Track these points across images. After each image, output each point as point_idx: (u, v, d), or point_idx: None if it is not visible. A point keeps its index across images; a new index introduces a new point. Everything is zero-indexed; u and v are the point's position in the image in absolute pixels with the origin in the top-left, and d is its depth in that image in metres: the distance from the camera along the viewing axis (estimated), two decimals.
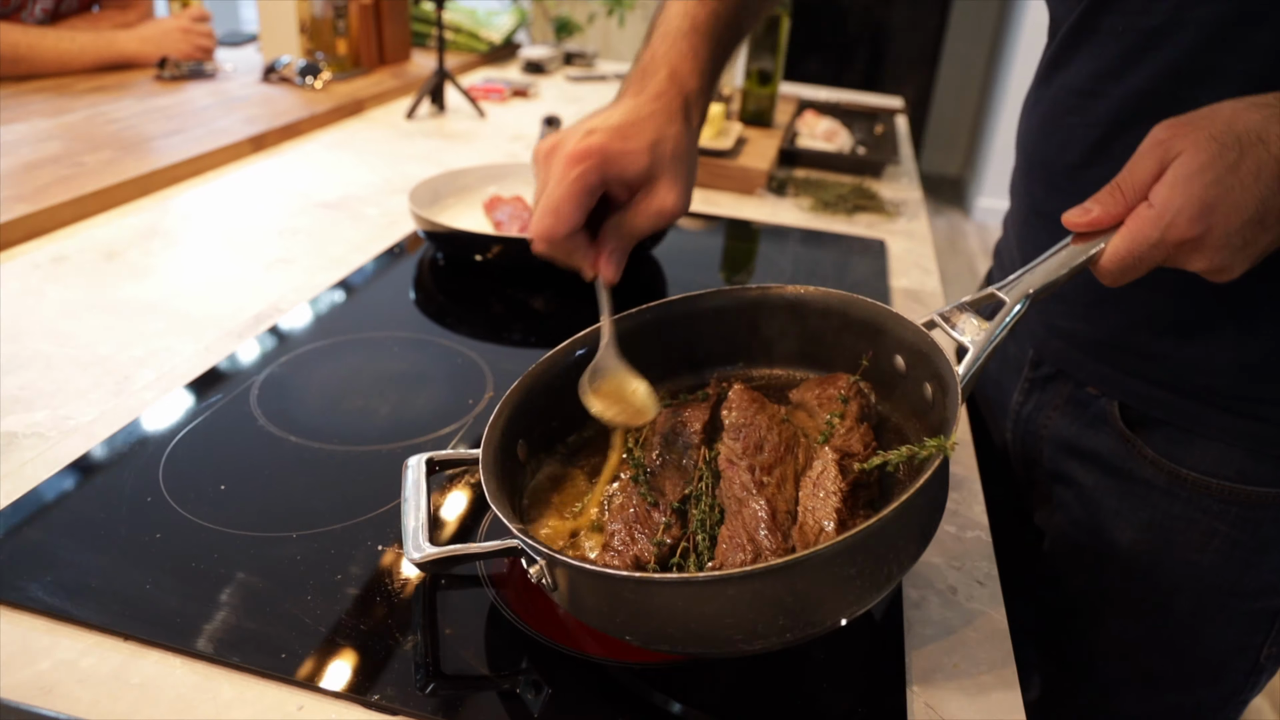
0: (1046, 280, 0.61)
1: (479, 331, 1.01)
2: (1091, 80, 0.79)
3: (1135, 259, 0.58)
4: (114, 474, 0.72)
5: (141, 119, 1.58)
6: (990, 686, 0.59)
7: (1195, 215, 0.55)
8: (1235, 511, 0.78)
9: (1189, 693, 0.88)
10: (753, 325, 0.75)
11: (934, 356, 0.61)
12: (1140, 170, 0.59)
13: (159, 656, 0.56)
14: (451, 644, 0.59)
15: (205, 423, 0.80)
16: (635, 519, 0.60)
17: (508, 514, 0.56)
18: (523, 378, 0.68)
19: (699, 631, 0.51)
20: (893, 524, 0.51)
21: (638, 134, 0.66)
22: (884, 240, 1.38)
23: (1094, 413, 0.86)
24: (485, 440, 0.62)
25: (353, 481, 0.74)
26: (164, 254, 1.14)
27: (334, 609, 0.60)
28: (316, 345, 0.95)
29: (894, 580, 0.55)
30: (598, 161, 0.64)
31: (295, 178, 1.47)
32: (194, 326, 0.96)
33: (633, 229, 0.68)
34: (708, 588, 0.50)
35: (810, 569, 0.50)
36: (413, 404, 0.85)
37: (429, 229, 1.14)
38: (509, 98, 2.15)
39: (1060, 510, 0.92)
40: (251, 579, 0.62)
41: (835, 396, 0.67)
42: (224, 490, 0.71)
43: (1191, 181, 0.56)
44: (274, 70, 1.94)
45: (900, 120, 2.20)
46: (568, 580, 0.55)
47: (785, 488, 0.61)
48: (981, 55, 5.45)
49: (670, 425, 0.68)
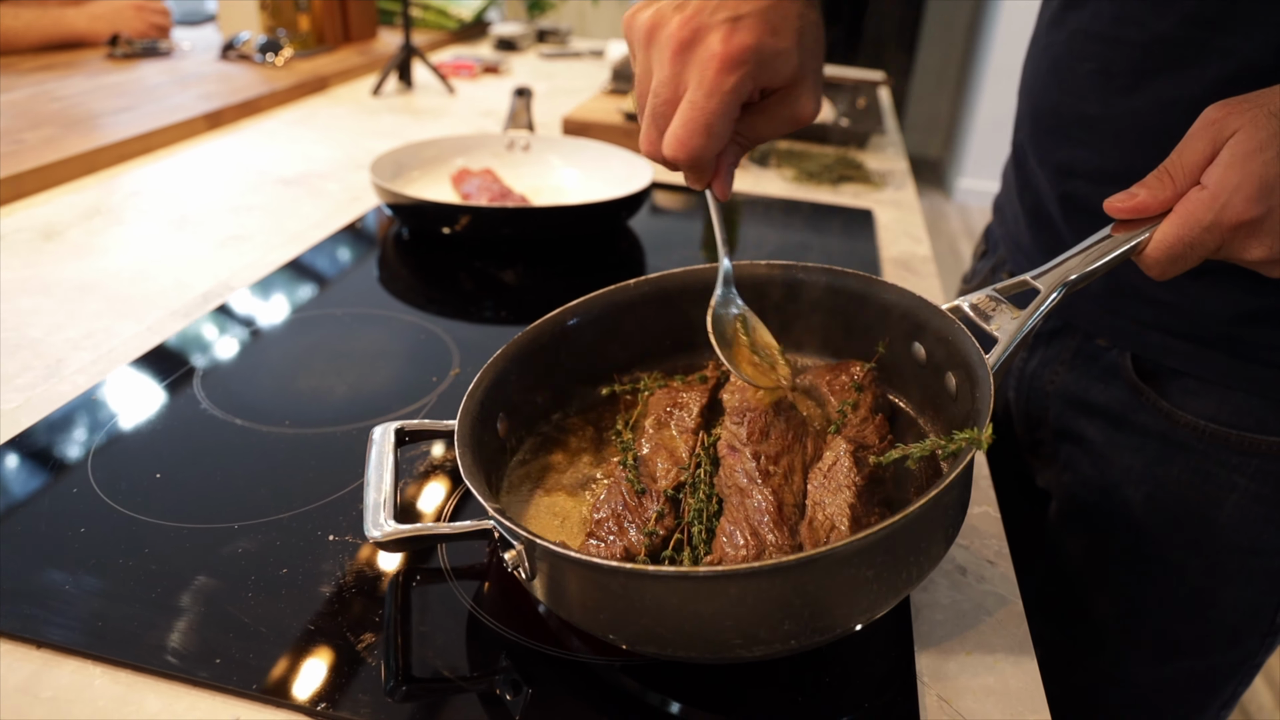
0: (1085, 269, 0.56)
1: (445, 308, 0.94)
2: (1113, 25, 0.73)
3: (1186, 245, 0.52)
4: (36, 464, 0.65)
5: (89, 97, 1.50)
6: (1009, 675, 0.53)
7: (1254, 194, 0.50)
8: (1255, 464, 0.74)
9: (1203, 657, 0.83)
10: (758, 305, 0.68)
11: (962, 344, 0.56)
12: (1191, 152, 0.53)
13: (76, 665, 0.50)
14: (419, 645, 0.52)
15: (141, 407, 0.73)
16: (624, 507, 0.54)
17: (483, 491, 0.50)
18: (507, 346, 0.62)
19: (693, 633, 0.45)
20: (918, 522, 0.45)
21: (785, 23, 0.53)
22: (871, 210, 1.32)
23: (1104, 365, 0.81)
24: (462, 410, 0.56)
25: (303, 466, 0.67)
26: (107, 233, 1.06)
27: (277, 607, 0.54)
28: (269, 324, 0.88)
29: (912, 585, 0.49)
30: (754, 69, 0.52)
31: (252, 155, 1.39)
32: (136, 307, 0.89)
33: (761, 133, 0.57)
34: (707, 585, 0.44)
35: (824, 569, 0.44)
36: (371, 383, 0.79)
37: (392, 201, 1.07)
38: (479, 74, 2.07)
39: (1068, 470, 0.87)
40: (185, 576, 0.56)
41: (848, 384, 0.62)
42: (159, 479, 0.65)
43: (1250, 159, 0.50)
44: (232, 47, 1.86)
45: (883, 92, 2.14)
46: (548, 569, 0.48)
47: (793, 479, 0.55)
48: (960, 35, 5.40)
49: (663, 407, 0.62)
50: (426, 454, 0.69)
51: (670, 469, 0.57)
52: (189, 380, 0.77)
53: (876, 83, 2.16)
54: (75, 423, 0.70)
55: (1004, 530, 0.66)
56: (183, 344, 0.83)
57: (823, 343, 0.69)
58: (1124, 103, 0.73)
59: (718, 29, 0.51)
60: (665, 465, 0.58)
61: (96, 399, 0.73)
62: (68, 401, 0.72)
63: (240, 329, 0.86)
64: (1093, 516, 0.85)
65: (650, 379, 0.68)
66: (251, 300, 0.92)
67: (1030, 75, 0.86)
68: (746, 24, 0.52)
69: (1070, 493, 0.87)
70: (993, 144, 4.72)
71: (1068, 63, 0.78)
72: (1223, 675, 0.84)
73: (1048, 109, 0.81)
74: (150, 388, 0.75)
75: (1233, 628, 0.82)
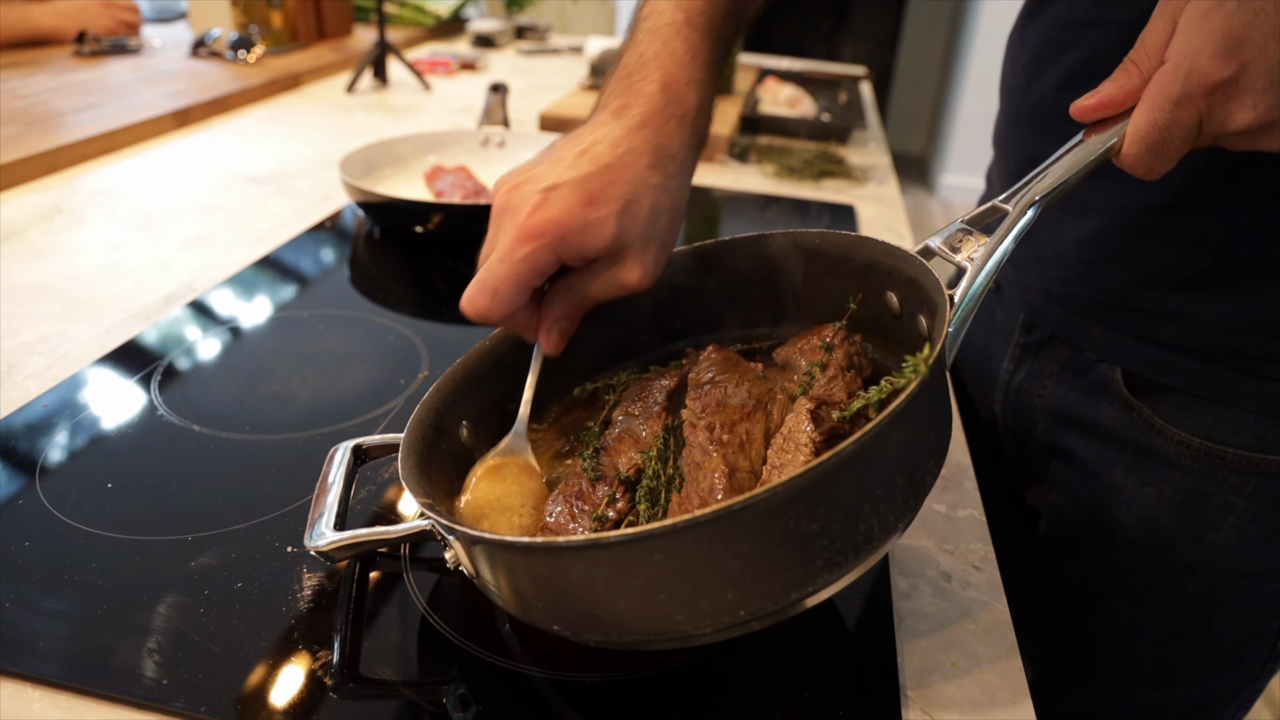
0: (1058, 182, 0.52)
1: (416, 308, 0.91)
2: (1094, 8, 0.70)
3: (1162, 129, 0.49)
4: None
5: (53, 95, 1.46)
6: (995, 687, 0.51)
7: (1220, 50, 0.46)
8: (1254, 484, 0.70)
9: (1201, 682, 0.80)
10: (727, 283, 0.65)
11: (922, 279, 0.52)
12: (1153, 34, 0.50)
13: (14, 688, 0.47)
14: (370, 658, 0.50)
15: (95, 414, 0.70)
16: (577, 495, 0.52)
17: (419, 489, 0.47)
18: (471, 351, 0.60)
19: (630, 612, 0.42)
20: (861, 463, 0.40)
21: (607, 194, 0.52)
22: (853, 205, 1.30)
23: (1093, 379, 0.77)
24: (415, 415, 0.54)
25: (262, 475, 0.64)
26: (66, 234, 1.03)
27: (230, 623, 0.51)
28: (232, 326, 0.85)
29: (876, 544, 0.43)
30: (551, 241, 0.51)
31: (221, 153, 1.36)
32: (94, 310, 0.86)
33: (586, 295, 0.55)
34: (624, 551, 0.40)
35: (751, 521, 0.39)
36: (336, 386, 0.76)
37: (362, 199, 1.04)
38: (456, 71, 2.04)
39: (1057, 488, 0.83)
40: (134, 592, 0.53)
41: (818, 346, 0.58)
42: (111, 489, 0.62)
43: (1209, 16, 0.47)
44: (203, 44, 1.82)
45: (864, 87, 2.12)
46: (483, 560, 0.46)
47: (750, 447, 0.51)
48: (942, 30, 5.40)
49: (633, 396, 0.60)
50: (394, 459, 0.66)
51: (633, 455, 0.54)
52: (146, 385, 0.74)
53: (858, 78, 2.14)
54: (24, 431, 0.67)
55: (989, 535, 0.64)
56: (141, 348, 0.80)
57: (800, 313, 0.65)
58: None
59: (530, 199, 0.52)
60: (628, 453, 0.55)
61: (47, 406, 0.70)
62: (17, 409, 0.69)
63: (202, 332, 0.84)
64: (1084, 536, 0.81)
65: (627, 374, 0.65)
66: (215, 302, 0.89)
67: (1010, 72, 0.82)
68: (558, 195, 0.52)
69: (1060, 511, 0.83)
70: (976, 140, 4.72)
71: (1050, 53, 0.75)
72: (1222, 700, 0.81)
73: (1032, 105, 0.78)
74: (105, 393, 0.72)
75: (1231, 652, 0.78)
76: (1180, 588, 0.76)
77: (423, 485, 0.49)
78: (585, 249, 0.52)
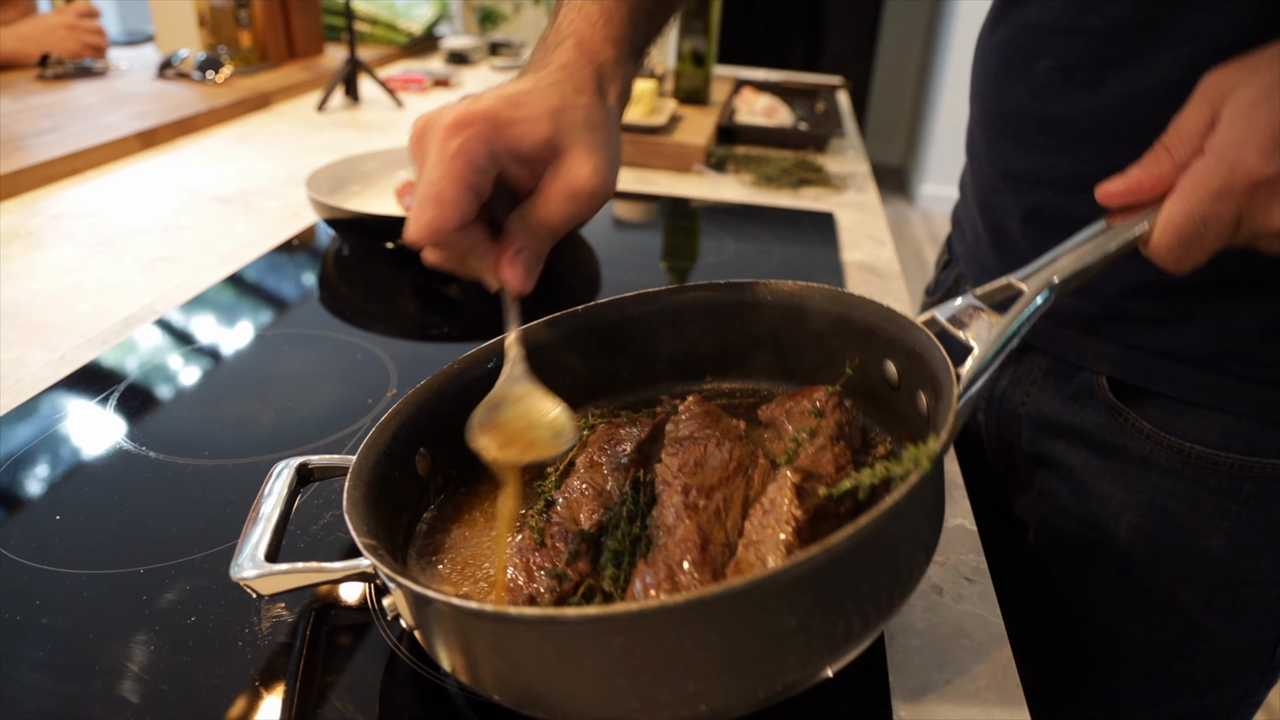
0: (1078, 267, 0.48)
1: (386, 326, 0.89)
2: (1066, 14, 0.67)
3: (1197, 221, 0.45)
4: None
5: (14, 118, 1.43)
6: (992, 704, 0.49)
7: (1266, 144, 0.43)
8: (1248, 489, 0.67)
9: (1198, 696, 0.77)
10: (718, 331, 0.62)
11: (928, 355, 0.49)
12: (1189, 120, 0.47)
13: None
14: (336, 695, 0.47)
15: (46, 443, 0.67)
16: (534, 551, 0.48)
17: (362, 527, 0.44)
18: (434, 375, 0.57)
19: (580, 694, 0.38)
20: (847, 560, 0.37)
21: (534, 101, 0.51)
22: (832, 213, 1.28)
23: (1078, 385, 0.74)
24: (369, 439, 0.51)
25: (220, 501, 0.61)
26: (23, 258, 1.00)
27: (181, 660, 0.48)
28: (194, 348, 0.82)
29: (856, 639, 0.40)
30: (482, 129, 0.49)
31: (187, 174, 1.33)
32: (49, 335, 0.83)
33: (543, 219, 0.53)
34: (584, 631, 0.37)
35: (725, 612, 0.36)
36: (301, 408, 0.73)
37: (329, 216, 1.01)
38: (429, 88, 2.02)
39: (1044, 498, 0.80)
40: (79, 629, 0.50)
41: (808, 410, 0.55)
42: (59, 521, 0.59)
43: (1257, 109, 0.44)
44: (170, 65, 1.79)
45: (842, 96, 2.11)
46: (424, 616, 0.42)
47: (727, 516, 0.48)
48: (918, 39, 5.43)
49: (600, 444, 0.56)
50: None
51: (596, 510, 0.51)
52: (101, 411, 0.71)
53: (835, 87, 2.13)
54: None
55: (981, 545, 0.62)
56: (96, 372, 0.77)
57: (792, 370, 0.62)
58: (1089, 99, 0.66)
59: (452, 108, 0.51)
60: (590, 506, 0.51)
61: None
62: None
63: (162, 355, 0.81)
64: (1074, 547, 0.78)
65: (594, 415, 0.61)
66: (176, 324, 0.86)
67: (980, 80, 0.79)
68: (482, 99, 0.51)
69: (1049, 522, 0.80)
70: (955, 149, 4.72)
71: (1021, 61, 0.72)
72: (1220, 714, 0.78)
73: (1003, 114, 0.75)
74: (57, 420, 0.69)
75: (1229, 664, 0.75)
76: (1175, 598, 0.73)
77: (367, 522, 0.45)
78: (520, 143, 0.51)
